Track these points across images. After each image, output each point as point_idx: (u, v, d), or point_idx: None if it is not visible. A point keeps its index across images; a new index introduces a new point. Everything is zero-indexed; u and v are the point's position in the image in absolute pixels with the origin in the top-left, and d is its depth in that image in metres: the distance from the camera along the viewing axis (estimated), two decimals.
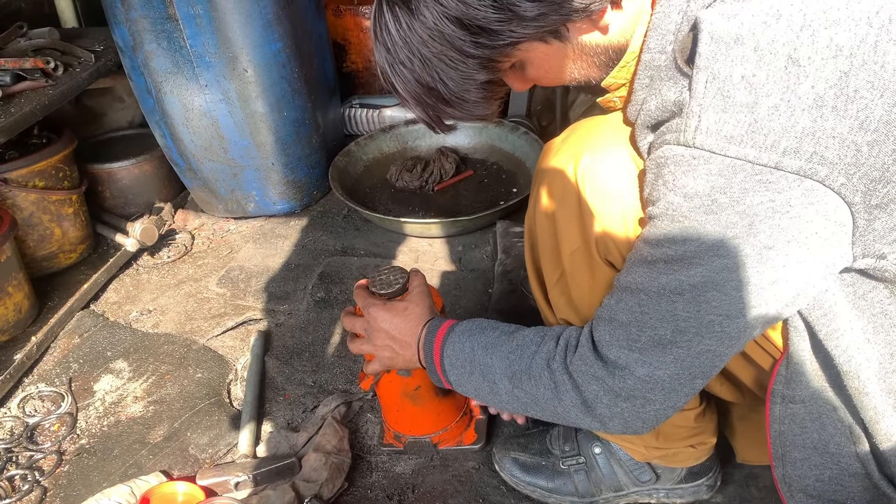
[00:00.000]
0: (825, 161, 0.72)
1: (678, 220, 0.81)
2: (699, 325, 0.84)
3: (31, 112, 1.80)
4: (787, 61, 0.71)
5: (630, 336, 0.89)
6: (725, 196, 0.76)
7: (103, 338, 1.91)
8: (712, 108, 0.74)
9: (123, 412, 1.68)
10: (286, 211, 2.38)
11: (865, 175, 0.73)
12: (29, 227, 1.95)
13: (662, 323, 0.86)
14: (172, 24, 1.94)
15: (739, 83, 0.72)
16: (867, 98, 0.71)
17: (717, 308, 0.83)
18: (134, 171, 2.32)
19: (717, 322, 0.84)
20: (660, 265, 0.84)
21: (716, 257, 0.79)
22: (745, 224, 0.76)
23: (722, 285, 0.81)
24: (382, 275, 1.30)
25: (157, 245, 2.23)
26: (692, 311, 0.84)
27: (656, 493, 1.34)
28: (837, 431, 0.95)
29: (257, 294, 2.02)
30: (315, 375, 1.72)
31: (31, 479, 1.52)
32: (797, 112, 0.71)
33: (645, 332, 0.88)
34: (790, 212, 0.75)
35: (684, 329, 0.85)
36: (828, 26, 0.71)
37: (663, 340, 0.87)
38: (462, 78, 0.90)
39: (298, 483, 1.41)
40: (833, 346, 0.88)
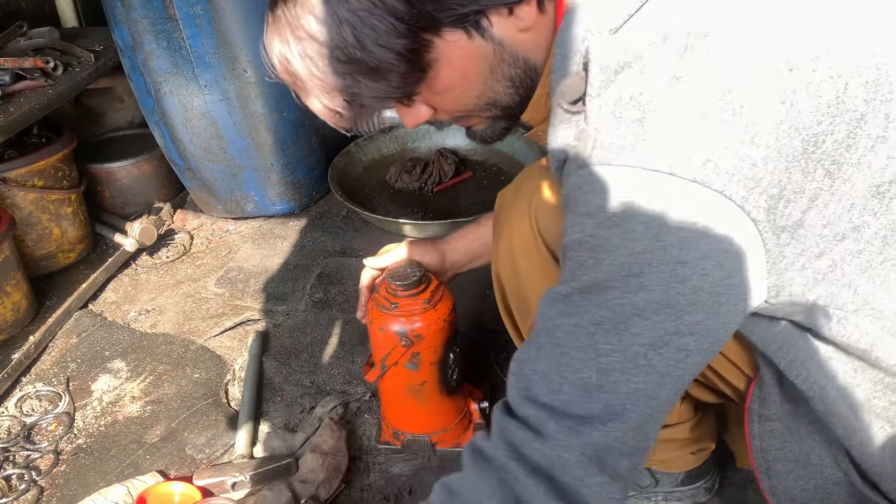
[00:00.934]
0: (720, 170, 0.70)
1: (584, 242, 0.76)
2: (625, 359, 0.75)
3: (31, 111, 1.80)
4: (671, 79, 0.71)
5: (550, 387, 0.79)
6: (626, 205, 0.72)
7: (101, 337, 1.91)
8: (606, 128, 0.73)
9: (121, 412, 1.68)
10: (285, 211, 2.38)
11: (765, 192, 0.71)
12: (28, 227, 1.95)
13: (586, 364, 0.76)
14: (172, 24, 1.94)
15: (629, 103, 0.71)
16: (752, 115, 0.70)
17: (639, 337, 0.75)
18: (133, 171, 2.32)
19: (642, 354, 0.75)
20: (575, 297, 0.77)
21: (628, 276, 0.73)
22: (652, 235, 0.71)
23: (642, 309, 0.74)
24: (400, 269, 1.34)
25: (155, 245, 2.22)
26: (615, 343, 0.75)
27: (655, 497, 1.34)
28: (816, 444, 0.93)
29: (256, 294, 2.02)
30: (313, 376, 1.72)
31: (28, 478, 1.51)
32: (685, 124, 0.70)
33: (568, 377, 0.77)
34: (696, 224, 0.71)
35: (609, 367, 0.76)
36: (710, 46, 0.71)
37: (589, 385, 0.77)
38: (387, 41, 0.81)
39: (295, 484, 1.41)
40: (794, 375, 0.85)
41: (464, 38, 0.84)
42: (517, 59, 0.88)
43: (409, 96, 0.89)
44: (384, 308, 1.34)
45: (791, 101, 0.70)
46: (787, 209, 0.73)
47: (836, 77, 0.72)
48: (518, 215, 1.14)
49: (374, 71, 0.83)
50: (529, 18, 0.85)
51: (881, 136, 0.73)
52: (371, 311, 1.36)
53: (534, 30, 0.86)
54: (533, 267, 1.12)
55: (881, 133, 0.73)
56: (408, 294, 1.32)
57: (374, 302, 1.36)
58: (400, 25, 0.80)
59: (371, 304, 1.37)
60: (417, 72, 0.85)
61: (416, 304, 1.32)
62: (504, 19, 0.85)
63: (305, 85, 0.86)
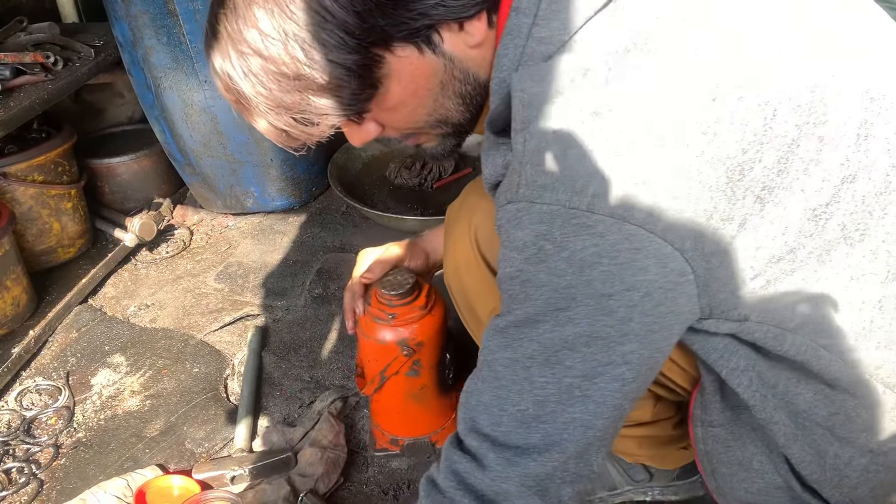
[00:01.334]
0: (639, 205, 0.69)
1: (515, 277, 0.76)
2: (559, 391, 0.77)
3: (31, 106, 1.80)
4: (591, 115, 0.71)
5: (492, 419, 0.81)
6: (550, 242, 0.72)
7: (101, 332, 1.91)
8: (530, 163, 0.73)
9: (120, 406, 1.68)
10: (285, 207, 2.38)
11: (690, 222, 0.71)
12: (28, 222, 1.95)
13: (523, 396, 0.79)
14: (172, 19, 1.95)
15: (551, 137, 0.72)
16: (672, 146, 0.70)
17: (572, 370, 0.76)
18: (133, 166, 2.33)
19: (576, 385, 0.77)
20: (511, 330, 0.79)
21: (556, 310, 0.74)
22: (575, 270, 0.72)
23: (571, 343, 0.75)
24: (390, 277, 1.32)
25: (155, 240, 2.23)
26: (548, 375, 0.77)
27: (651, 491, 1.34)
28: (758, 451, 0.93)
29: (255, 290, 2.03)
30: (312, 371, 1.72)
31: (28, 471, 1.52)
32: (604, 160, 0.70)
33: (507, 409, 0.80)
34: (618, 258, 0.71)
35: (545, 399, 0.78)
36: (628, 78, 0.71)
37: (526, 416, 0.79)
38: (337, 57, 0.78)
39: (294, 477, 1.41)
40: (735, 383, 0.86)
41: (415, 53, 0.82)
42: (468, 75, 0.87)
43: (360, 114, 0.86)
44: (381, 320, 1.31)
45: (714, 131, 0.70)
46: (715, 236, 0.72)
47: (764, 104, 0.71)
48: (460, 234, 1.17)
49: (323, 88, 0.80)
50: (479, 34, 0.84)
51: (814, 159, 0.73)
52: (366, 324, 1.34)
53: (483, 46, 0.85)
54: (476, 282, 1.14)
55: (814, 157, 0.73)
56: (403, 303, 1.30)
57: (369, 315, 1.33)
58: (350, 40, 0.77)
59: (365, 317, 1.34)
60: (368, 88, 0.82)
61: (414, 311, 1.31)
62: (455, 35, 0.83)
63: (249, 103, 0.83)
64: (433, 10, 0.79)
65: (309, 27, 0.76)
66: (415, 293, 1.32)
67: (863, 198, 0.76)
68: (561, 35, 0.76)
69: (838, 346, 0.80)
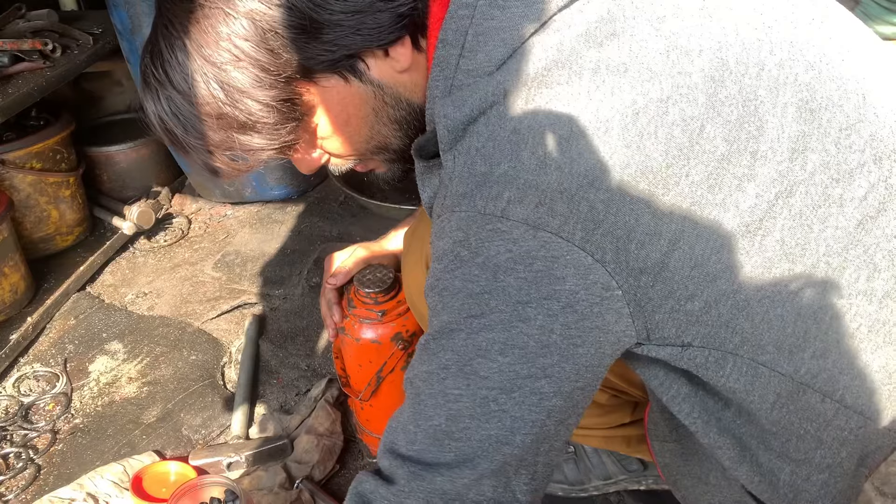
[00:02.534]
0: (554, 212, 0.68)
1: (434, 287, 0.75)
2: (474, 404, 0.72)
3: (29, 93, 1.80)
4: (511, 132, 0.71)
5: (407, 437, 0.77)
6: (465, 249, 0.71)
7: (99, 319, 1.92)
8: (457, 178, 0.73)
9: (118, 393, 1.69)
10: (283, 196, 2.38)
11: (609, 233, 0.69)
12: (26, 209, 1.95)
13: (437, 410, 0.74)
14: None
15: (476, 156, 0.72)
16: (591, 161, 0.69)
17: (487, 381, 0.72)
18: (132, 154, 2.32)
19: (492, 398, 0.72)
20: (430, 345, 0.76)
21: (470, 317, 0.71)
22: (489, 276, 0.70)
23: (486, 350, 0.71)
24: (368, 275, 1.30)
25: (153, 229, 2.23)
26: (463, 387, 0.73)
27: (645, 481, 1.35)
28: (713, 467, 0.91)
29: (253, 278, 2.03)
30: (309, 359, 1.73)
31: (26, 457, 1.53)
32: (522, 171, 0.69)
33: (421, 425, 0.75)
34: (534, 265, 0.69)
35: (458, 413, 0.73)
36: (550, 98, 0.71)
37: (439, 432, 0.74)
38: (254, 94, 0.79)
39: (290, 464, 1.42)
40: (676, 410, 0.83)
41: (340, 82, 0.82)
42: (399, 100, 0.86)
43: (289, 147, 0.86)
44: (371, 320, 1.29)
45: (637, 145, 0.69)
46: (642, 251, 0.70)
47: (690, 119, 0.70)
48: (413, 263, 1.17)
49: (245, 125, 0.81)
50: (405, 60, 0.83)
51: (747, 175, 0.71)
52: (353, 328, 1.31)
53: (412, 70, 0.84)
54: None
55: (747, 172, 0.71)
56: (389, 297, 1.29)
57: (354, 318, 1.31)
58: (266, 77, 0.78)
59: (350, 321, 1.31)
60: (291, 122, 0.83)
61: (401, 304, 1.30)
62: (381, 61, 0.82)
63: (183, 143, 0.84)
64: (348, 39, 0.79)
65: (225, 66, 0.77)
66: (397, 287, 1.30)
67: (800, 212, 0.73)
68: (487, 66, 0.75)
69: (776, 361, 0.76)
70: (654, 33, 0.73)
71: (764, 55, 0.74)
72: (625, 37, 0.73)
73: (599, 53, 0.72)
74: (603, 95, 0.70)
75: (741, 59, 0.73)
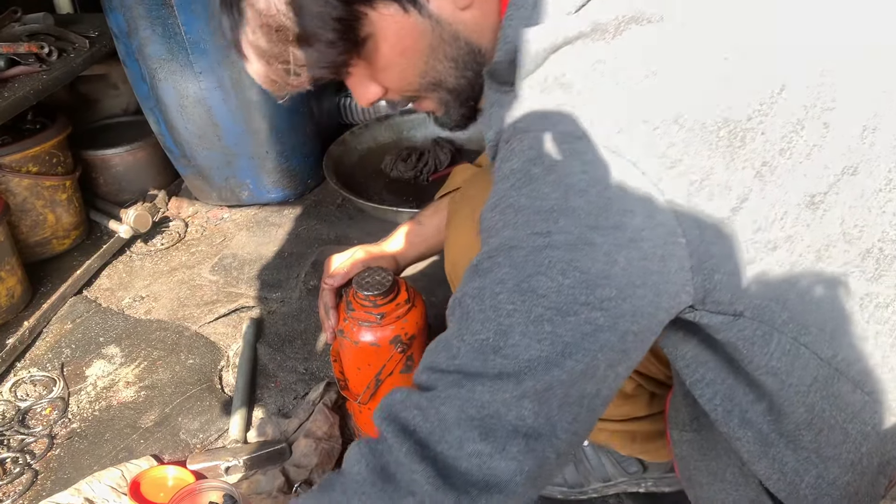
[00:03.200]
0: (634, 141, 0.68)
1: (497, 206, 0.73)
2: (527, 321, 0.69)
3: (25, 97, 1.80)
4: (596, 62, 0.71)
5: (448, 350, 0.74)
6: (538, 166, 0.70)
7: (96, 323, 1.91)
8: (529, 98, 0.74)
9: (115, 397, 1.69)
10: (280, 199, 2.38)
11: (684, 175, 0.69)
12: (22, 213, 1.95)
13: (486, 325, 0.71)
14: (167, 10, 1.94)
15: (553, 82, 0.72)
16: (677, 97, 0.70)
17: (545, 299, 0.69)
18: (128, 157, 2.32)
19: (547, 318, 0.69)
20: (484, 263, 0.73)
21: (535, 233, 0.69)
22: (560, 195, 0.69)
23: (548, 268, 0.69)
24: (367, 278, 1.30)
25: (150, 232, 2.23)
26: (518, 303, 0.70)
27: (644, 483, 1.34)
28: (731, 462, 0.89)
29: (250, 282, 2.03)
30: (307, 363, 1.73)
31: (23, 462, 1.52)
32: (607, 94, 0.71)
33: (466, 338, 0.72)
34: (607, 191, 0.68)
35: (510, 328, 0.70)
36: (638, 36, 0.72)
37: (486, 346, 0.71)
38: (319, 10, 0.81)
39: (289, 468, 1.42)
40: (699, 394, 0.82)
41: (399, 12, 0.83)
42: (458, 38, 0.86)
43: (343, 66, 0.87)
44: (370, 322, 1.29)
45: (723, 92, 0.70)
46: (712, 203, 0.70)
47: (772, 76, 0.71)
48: (461, 220, 1.16)
49: (303, 39, 0.83)
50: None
51: (818, 144, 0.72)
52: (351, 331, 1.30)
53: (474, 9, 0.84)
54: None
55: (818, 141, 0.72)
56: (387, 300, 1.29)
57: (353, 321, 1.30)
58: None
59: (349, 324, 1.31)
60: (348, 43, 0.84)
61: (400, 307, 1.30)
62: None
63: (245, 51, 0.87)
64: None
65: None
66: (395, 289, 1.30)
67: (861, 192, 0.74)
68: (567, 6, 0.76)
69: (817, 344, 0.76)
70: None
71: None
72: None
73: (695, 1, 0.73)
74: (694, 39, 0.71)
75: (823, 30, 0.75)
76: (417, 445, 0.71)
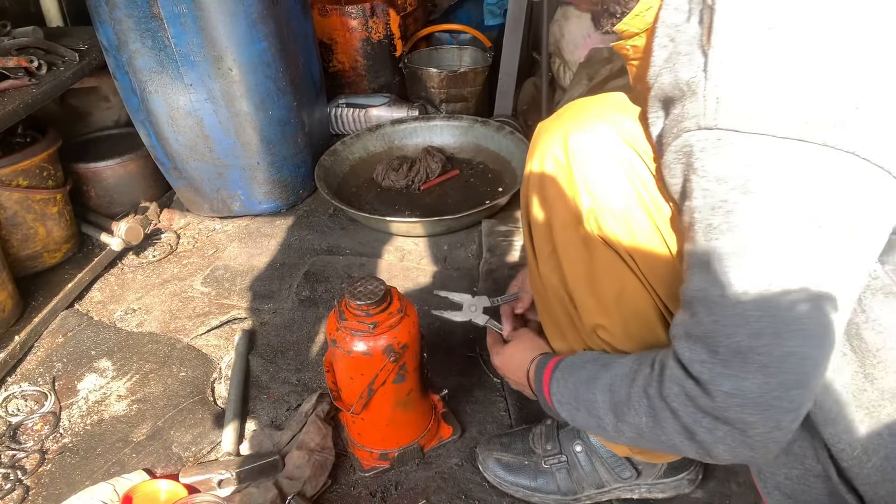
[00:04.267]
0: (849, 131, 0.70)
1: (718, 207, 0.77)
2: (775, 324, 0.77)
3: (15, 111, 1.79)
4: (811, 35, 0.71)
5: (709, 348, 0.82)
6: (760, 174, 0.74)
7: (87, 337, 1.90)
8: (731, 88, 0.74)
9: (107, 411, 1.68)
10: (272, 210, 2.38)
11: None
12: (12, 227, 1.94)
13: (737, 329, 0.79)
14: (157, 23, 1.94)
15: (760, 61, 0.72)
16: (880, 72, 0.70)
17: (782, 299, 0.76)
18: (119, 170, 2.32)
19: (792, 318, 0.77)
20: (714, 265, 0.79)
21: (766, 244, 0.75)
22: (785, 202, 0.73)
23: (781, 274, 0.76)
24: (359, 287, 1.30)
25: (142, 244, 2.22)
26: (763, 309, 0.77)
27: (638, 489, 1.35)
28: (800, 435, 0.93)
29: (242, 293, 2.02)
30: (299, 374, 1.72)
31: (14, 477, 1.51)
32: (815, 86, 0.71)
33: (721, 341, 0.80)
34: (829, 187, 0.72)
35: (759, 332, 0.78)
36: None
37: (741, 348, 0.79)
38: None
39: (282, 480, 1.41)
40: None
41: None
42: None
43: None
44: (361, 332, 1.29)
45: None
46: None
47: None
48: (553, 141, 1.11)
49: None
50: None
51: None
52: (343, 340, 1.30)
53: None
54: (560, 194, 1.09)
55: None
56: (380, 310, 1.29)
57: (345, 331, 1.30)
58: None
59: (342, 333, 1.30)
60: None
61: (393, 316, 1.30)
62: None
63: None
64: None
65: None
66: (388, 299, 1.31)
67: None
68: None
69: None
70: None
71: None
72: None
73: None
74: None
75: None
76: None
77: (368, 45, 2.83)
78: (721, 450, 0.85)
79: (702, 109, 0.75)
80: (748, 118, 0.73)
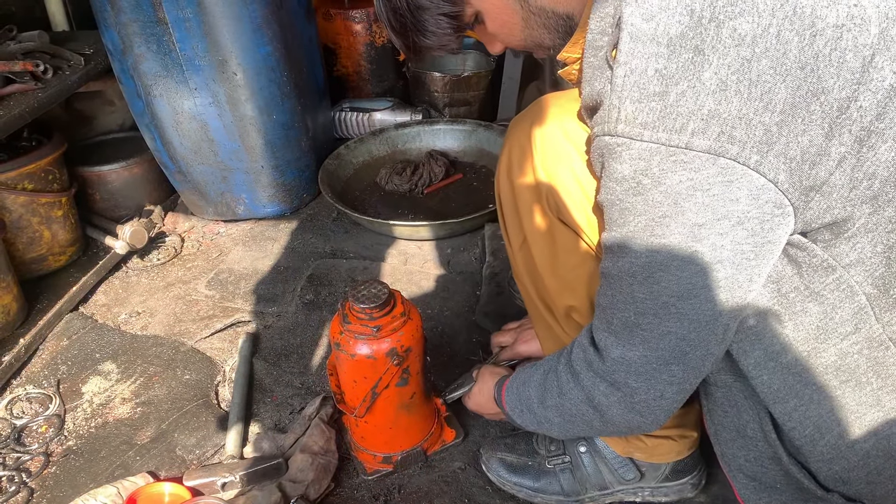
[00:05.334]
0: (734, 140, 0.75)
1: (615, 205, 0.85)
2: (656, 306, 0.88)
3: (20, 115, 1.80)
4: (693, 52, 0.74)
5: (606, 318, 0.95)
6: (647, 177, 0.80)
7: (92, 340, 1.91)
8: (629, 99, 0.78)
9: (111, 414, 1.68)
10: (276, 214, 2.39)
11: (782, 154, 0.76)
12: (18, 230, 1.95)
13: (626, 306, 0.91)
14: (162, 27, 1.95)
15: (653, 76, 0.76)
16: (770, 82, 0.74)
17: (667, 289, 0.86)
18: (124, 173, 2.33)
19: (671, 303, 0.87)
20: (614, 249, 0.89)
21: (651, 237, 0.84)
22: (670, 202, 0.80)
23: (666, 265, 0.84)
24: (363, 291, 1.31)
25: (146, 248, 2.23)
26: (647, 293, 0.88)
27: (641, 492, 1.35)
28: (751, 418, 1.01)
29: (246, 296, 2.03)
30: (303, 377, 1.73)
31: (18, 480, 1.52)
32: (702, 96, 0.74)
33: (616, 314, 0.93)
34: (711, 189, 0.78)
35: (644, 311, 0.89)
36: (733, 17, 0.74)
37: (629, 322, 0.91)
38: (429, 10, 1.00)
39: (285, 483, 1.41)
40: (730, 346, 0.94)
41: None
42: (545, 11, 0.98)
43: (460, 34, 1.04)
44: (365, 335, 1.29)
45: (811, 67, 0.74)
46: (814, 171, 0.78)
47: (862, 46, 0.74)
48: (521, 133, 1.23)
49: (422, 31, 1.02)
50: None
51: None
52: (347, 343, 1.30)
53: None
54: (526, 183, 1.21)
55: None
56: (384, 313, 1.29)
57: (349, 334, 1.30)
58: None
59: (345, 336, 1.31)
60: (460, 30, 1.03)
61: (396, 319, 1.30)
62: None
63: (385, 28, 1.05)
64: None
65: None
66: (391, 302, 1.31)
67: None
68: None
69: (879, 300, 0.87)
70: None
71: None
72: None
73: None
74: (784, 16, 0.74)
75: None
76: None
77: (372, 50, 2.84)
78: (614, 412, 0.98)
79: (607, 118, 0.81)
80: (641, 128, 0.78)
